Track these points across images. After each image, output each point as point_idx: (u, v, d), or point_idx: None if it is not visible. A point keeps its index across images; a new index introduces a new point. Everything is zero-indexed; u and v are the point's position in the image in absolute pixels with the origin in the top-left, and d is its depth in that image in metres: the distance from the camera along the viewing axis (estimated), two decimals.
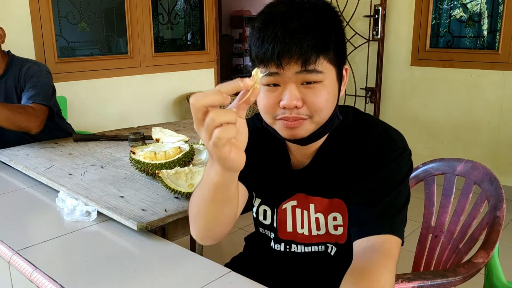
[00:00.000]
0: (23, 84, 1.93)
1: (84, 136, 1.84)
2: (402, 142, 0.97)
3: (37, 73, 1.93)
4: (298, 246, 1.08)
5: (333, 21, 0.90)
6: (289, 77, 0.87)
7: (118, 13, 3.13)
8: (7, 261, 0.99)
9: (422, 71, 3.81)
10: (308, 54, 0.85)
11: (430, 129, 3.83)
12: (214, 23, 3.75)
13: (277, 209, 1.08)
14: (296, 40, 0.84)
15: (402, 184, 0.93)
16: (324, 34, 0.86)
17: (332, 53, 0.88)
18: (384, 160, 0.93)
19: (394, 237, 0.87)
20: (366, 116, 1.04)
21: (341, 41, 0.92)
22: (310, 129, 0.93)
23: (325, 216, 1.03)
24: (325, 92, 0.89)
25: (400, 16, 3.84)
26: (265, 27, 0.87)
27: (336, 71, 0.92)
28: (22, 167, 1.49)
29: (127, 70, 3.17)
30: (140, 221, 1.06)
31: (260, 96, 0.93)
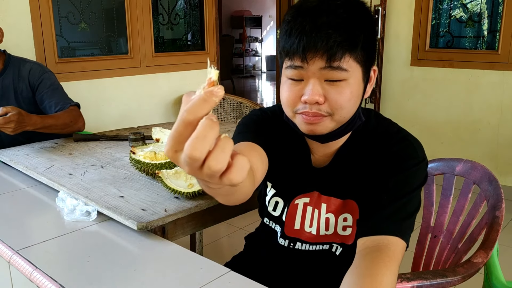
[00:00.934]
0: (24, 84, 1.94)
1: (84, 136, 1.85)
2: (421, 151, 0.98)
3: (46, 76, 1.98)
4: (303, 245, 1.09)
5: (364, 21, 0.89)
6: (313, 72, 0.87)
7: (118, 13, 3.14)
8: (7, 260, 0.99)
9: (422, 71, 3.82)
10: (334, 50, 0.84)
11: (430, 129, 3.83)
12: (214, 23, 3.75)
13: (290, 203, 1.08)
14: (323, 35, 0.84)
15: (415, 191, 0.94)
16: (352, 32, 0.85)
17: (359, 52, 0.88)
18: (402, 166, 0.94)
19: (400, 240, 0.88)
20: (387, 121, 1.04)
21: (371, 42, 0.91)
22: (329, 127, 0.93)
23: (336, 216, 1.04)
24: (348, 90, 0.89)
25: (400, 16, 3.84)
26: (294, 20, 0.88)
27: (363, 71, 0.91)
28: (22, 167, 1.49)
29: (127, 70, 3.17)
30: (140, 221, 1.07)
31: (282, 89, 0.94)
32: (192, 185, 1.21)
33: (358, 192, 1.00)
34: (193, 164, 0.46)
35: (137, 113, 3.30)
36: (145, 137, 1.75)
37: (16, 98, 1.96)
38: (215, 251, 2.78)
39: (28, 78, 1.95)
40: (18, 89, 1.96)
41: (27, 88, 1.96)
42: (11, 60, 1.98)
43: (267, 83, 11.45)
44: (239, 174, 0.48)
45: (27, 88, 1.97)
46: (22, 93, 1.97)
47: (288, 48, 0.88)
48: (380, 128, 1.01)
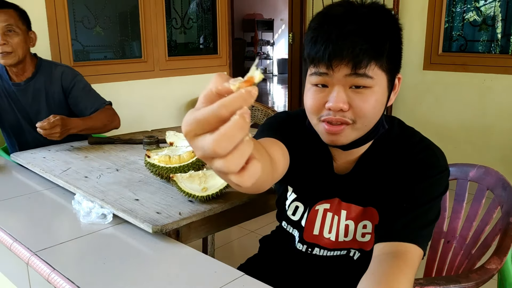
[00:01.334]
0: (57, 87, 2.01)
1: (99, 139, 1.87)
2: (444, 160, 0.98)
3: (78, 79, 2.05)
4: (321, 250, 1.09)
5: (391, 29, 0.90)
6: (338, 79, 0.88)
7: (132, 17, 3.17)
8: (25, 262, 1.01)
9: (434, 75, 3.80)
10: (360, 58, 0.85)
11: (442, 133, 3.81)
12: (226, 27, 3.78)
13: (311, 208, 1.08)
14: (349, 43, 0.84)
15: (436, 200, 0.94)
16: (378, 40, 0.86)
17: (385, 60, 0.88)
18: (425, 174, 0.94)
19: (418, 248, 0.88)
20: (411, 130, 1.05)
21: (397, 50, 0.92)
22: (351, 137, 0.94)
23: (356, 223, 1.04)
24: (373, 98, 0.89)
25: (412, 20, 3.83)
26: (320, 27, 0.88)
27: (388, 79, 0.91)
28: (39, 170, 1.52)
29: (140, 73, 3.20)
30: (155, 224, 1.08)
31: (307, 96, 0.95)
32: (206, 188, 1.23)
33: (379, 200, 1.00)
34: (209, 155, 0.45)
35: (150, 116, 3.33)
36: (159, 141, 1.77)
37: (47, 101, 2.02)
38: (227, 254, 2.80)
39: (61, 81, 2.01)
40: (49, 92, 2.01)
41: (59, 91, 2.02)
42: (42, 64, 2.03)
43: (279, 86, 11.46)
44: (249, 179, 0.47)
45: (60, 91, 2.02)
46: (53, 96, 2.02)
47: (313, 55, 0.89)
48: (403, 136, 1.02)
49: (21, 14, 1.94)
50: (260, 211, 1.41)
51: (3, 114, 2.03)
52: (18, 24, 1.90)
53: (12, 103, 2.01)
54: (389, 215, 0.94)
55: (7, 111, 2.02)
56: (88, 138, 1.88)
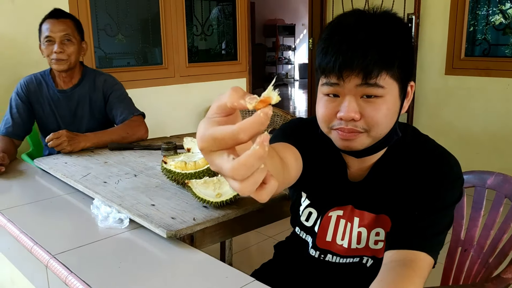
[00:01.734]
0: (99, 94, 2.11)
1: (119, 145, 1.91)
2: (458, 168, 0.97)
3: (117, 87, 2.14)
4: (334, 257, 1.09)
5: (402, 37, 0.89)
6: (349, 89, 0.88)
7: (153, 25, 3.24)
8: (44, 264, 1.05)
9: (457, 80, 3.75)
10: (370, 68, 0.85)
11: (465, 139, 3.75)
12: (246, 33, 3.81)
13: (324, 215, 1.09)
14: (359, 53, 0.85)
15: (448, 208, 0.94)
16: (389, 50, 0.86)
17: (396, 69, 0.88)
18: (437, 182, 0.94)
19: (428, 257, 0.88)
20: (424, 137, 1.04)
21: (408, 58, 0.92)
22: (365, 143, 0.94)
23: (368, 231, 1.04)
24: (384, 107, 0.89)
25: (434, 24, 3.79)
26: (331, 38, 0.89)
27: (399, 87, 0.91)
28: (61, 175, 1.57)
29: (161, 80, 3.26)
30: (169, 229, 1.10)
31: (318, 105, 0.96)
32: (220, 194, 1.24)
33: (392, 207, 1.00)
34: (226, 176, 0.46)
35: (171, 122, 3.38)
36: (177, 147, 1.80)
37: (90, 108, 2.11)
38: (244, 259, 2.81)
39: (103, 88, 2.11)
40: (92, 99, 2.11)
41: (101, 98, 2.12)
42: (87, 72, 2.13)
43: (300, 91, 11.45)
44: (266, 197, 0.48)
45: (101, 98, 2.12)
46: (96, 103, 2.11)
47: (324, 66, 0.89)
48: (416, 144, 1.02)
49: (77, 25, 2.05)
50: (275, 217, 1.43)
51: (45, 120, 2.11)
52: (74, 34, 2.01)
53: (55, 109, 2.10)
54: (401, 222, 0.94)
55: (49, 118, 2.11)
56: (108, 145, 1.92)
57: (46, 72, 2.12)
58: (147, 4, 3.19)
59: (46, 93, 2.09)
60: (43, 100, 2.10)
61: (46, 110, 2.10)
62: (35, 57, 2.46)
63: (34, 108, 2.10)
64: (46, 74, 2.11)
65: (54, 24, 1.97)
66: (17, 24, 2.52)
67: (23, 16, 2.53)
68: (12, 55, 2.54)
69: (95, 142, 1.91)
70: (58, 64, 1.99)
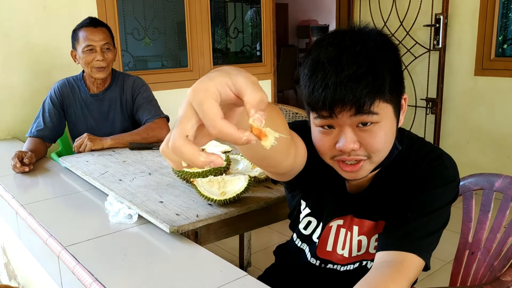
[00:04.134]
0: (129, 95, 2.19)
1: (139, 145, 2.00)
2: (454, 170, 0.97)
3: (144, 89, 2.23)
4: (335, 266, 1.10)
5: (388, 60, 0.87)
6: (344, 121, 0.86)
7: (179, 28, 3.33)
8: (56, 255, 1.13)
9: (486, 81, 3.65)
10: (362, 101, 0.83)
11: (496, 142, 3.65)
12: (271, 36, 3.85)
13: (325, 225, 1.08)
14: (348, 88, 0.82)
15: (441, 210, 0.93)
16: (377, 77, 0.83)
17: (387, 93, 0.86)
18: (430, 184, 0.95)
19: (417, 258, 0.88)
20: (421, 141, 1.04)
21: (397, 78, 0.89)
22: (369, 169, 0.95)
23: (369, 238, 1.04)
24: (382, 133, 0.88)
25: (462, 24, 3.71)
26: (315, 75, 0.85)
27: (394, 107, 0.90)
28: (81, 172, 1.66)
29: (187, 82, 3.34)
30: (172, 225, 1.16)
31: (314, 137, 0.94)
32: (225, 193, 1.30)
33: (390, 213, 0.99)
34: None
35: None
36: None
37: (121, 109, 2.20)
38: (264, 259, 2.85)
39: (132, 90, 2.20)
40: (123, 101, 2.20)
41: (130, 100, 2.20)
42: (117, 75, 2.23)
43: None
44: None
45: (131, 99, 2.20)
46: (126, 104, 2.20)
47: (313, 104, 0.87)
48: (413, 149, 1.01)
49: (111, 32, 2.15)
50: (280, 216, 1.46)
51: (76, 123, 2.21)
52: (111, 42, 2.12)
53: (87, 113, 2.19)
54: (392, 224, 0.95)
55: (80, 121, 2.20)
56: (128, 144, 2.01)
57: (79, 76, 2.21)
58: (173, 8, 3.29)
59: (79, 97, 2.18)
60: (76, 103, 2.18)
61: (78, 113, 2.19)
62: (66, 62, 2.58)
63: (66, 112, 2.19)
64: (78, 78, 2.20)
65: (93, 32, 2.05)
66: (49, 30, 2.66)
67: (54, 22, 2.66)
68: (46, 60, 2.67)
69: (116, 142, 2.01)
70: (100, 72, 2.08)
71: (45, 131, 2.11)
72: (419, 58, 4.02)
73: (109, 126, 2.20)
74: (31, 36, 2.62)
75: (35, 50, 2.63)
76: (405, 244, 0.90)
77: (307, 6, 12.21)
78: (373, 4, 4.28)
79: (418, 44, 3.98)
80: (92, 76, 2.10)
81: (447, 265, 1.20)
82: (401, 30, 4.07)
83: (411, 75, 4.11)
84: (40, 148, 2.04)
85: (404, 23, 4.03)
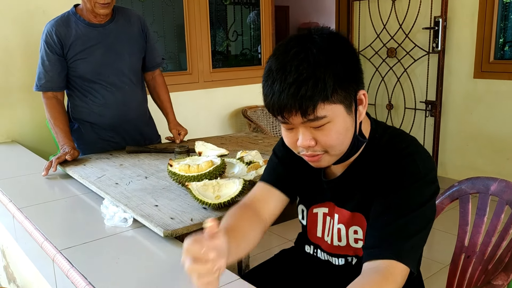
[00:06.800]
0: (136, 29, 2.12)
1: (136, 148, 2.01)
2: (425, 168, 0.95)
3: (148, 26, 2.22)
4: (323, 254, 1.15)
5: (332, 63, 0.88)
6: (297, 123, 0.92)
7: (178, 31, 3.34)
8: (51, 258, 1.13)
9: (486, 84, 3.66)
10: (304, 107, 0.87)
11: (495, 145, 3.65)
12: (270, 38, 3.86)
13: (308, 210, 1.17)
14: (290, 96, 0.87)
15: (418, 209, 0.92)
16: (318, 83, 0.86)
17: (332, 95, 0.88)
18: (402, 183, 0.94)
19: (399, 264, 0.88)
20: (401, 137, 1.03)
21: (346, 77, 0.90)
22: (331, 160, 1.00)
23: (346, 228, 1.08)
24: (333, 131, 0.92)
25: (462, 27, 3.72)
26: (266, 82, 0.92)
27: (345, 105, 0.92)
28: (78, 176, 1.67)
29: (186, 85, 3.36)
30: (166, 229, 1.17)
31: (283, 135, 1.02)
32: (219, 196, 1.30)
33: (365, 206, 1.02)
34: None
35: (195, 126, 3.46)
36: (189, 150, 1.87)
37: (129, 41, 2.08)
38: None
39: (141, 23, 2.13)
40: (130, 31, 2.09)
41: (138, 31, 2.12)
42: (116, 7, 2.10)
43: None
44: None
45: (139, 31, 2.12)
46: (133, 35, 2.10)
47: (267, 109, 0.94)
48: (390, 144, 1.01)
49: None
50: (277, 220, 1.46)
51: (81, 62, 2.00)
52: None
53: (90, 47, 2.00)
54: (371, 230, 0.96)
55: (85, 58, 2.00)
56: (126, 148, 2.02)
57: (71, 11, 2.01)
58: (172, 11, 3.30)
59: (79, 31, 1.98)
60: (76, 41, 1.97)
61: (80, 51, 1.98)
62: None
63: (67, 55, 1.98)
64: (71, 13, 2.01)
65: None
66: None
67: None
68: None
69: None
70: (104, 8, 1.93)
71: (53, 83, 1.99)
72: (418, 61, 4.02)
73: (117, 59, 2.05)
74: (31, 39, 2.63)
75: (35, 53, 2.64)
76: (385, 251, 0.90)
77: (308, 9, 12.21)
78: (372, 7, 4.29)
79: (417, 46, 3.98)
80: (95, 11, 1.94)
81: (445, 268, 1.20)
82: (400, 33, 4.07)
83: (411, 77, 4.11)
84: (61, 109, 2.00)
85: (403, 26, 4.03)
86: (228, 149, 1.91)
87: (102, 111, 2.06)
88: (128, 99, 2.10)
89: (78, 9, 2.03)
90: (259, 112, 3.81)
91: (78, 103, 2.08)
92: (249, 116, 3.62)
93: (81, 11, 2.02)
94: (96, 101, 2.06)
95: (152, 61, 2.21)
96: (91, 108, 2.07)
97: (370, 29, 4.28)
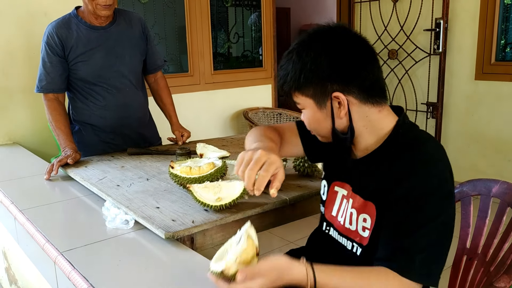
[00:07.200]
0: (137, 31, 2.12)
1: (138, 150, 2.01)
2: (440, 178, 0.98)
3: (148, 28, 2.22)
4: (334, 232, 1.18)
5: (308, 63, 1.02)
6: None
7: (179, 33, 3.34)
8: (53, 260, 1.14)
9: (487, 86, 3.65)
10: (285, 89, 1.09)
11: (496, 146, 3.65)
12: (271, 40, 3.87)
13: (329, 186, 1.22)
14: (279, 78, 1.11)
15: (428, 225, 0.95)
16: (292, 77, 1.05)
17: (306, 87, 1.05)
18: (413, 192, 0.96)
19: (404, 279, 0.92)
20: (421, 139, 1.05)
21: (315, 77, 1.02)
22: (322, 139, 1.16)
23: (357, 214, 1.10)
24: (306, 116, 1.11)
25: (463, 29, 3.72)
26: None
27: (315, 101, 1.06)
28: (79, 178, 1.67)
29: (187, 87, 3.36)
30: (168, 231, 1.17)
31: None
32: (221, 199, 1.30)
33: (378, 197, 1.04)
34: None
35: (197, 128, 3.46)
36: (190, 152, 1.87)
37: (130, 43, 2.08)
38: None
39: (141, 27, 2.13)
40: (131, 34, 2.09)
41: (139, 33, 2.12)
42: (117, 9, 2.11)
43: None
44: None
45: (140, 34, 2.12)
46: (134, 38, 2.09)
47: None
48: (411, 144, 1.03)
49: None
50: (277, 222, 1.46)
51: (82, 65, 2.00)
52: None
53: (91, 49, 1.99)
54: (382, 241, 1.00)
55: (86, 61, 2.00)
56: (127, 150, 2.02)
57: (72, 13, 2.02)
58: (173, 13, 3.31)
59: (80, 34, 1.98)
60: (77, 43, 1.97)
61: (81, 53, 1.98)
62: None
63: (68, 57, 1.98)
64: (72, 15, 2.01)
65: None
66: None
67: None
68: None
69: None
70: (106, 9, 1.92)
71: (54, 84, 1.99)
72: (419, 63, 4.02)
73: (118, 62, 2.05)
74: (32, 41, 2.64)
75: (36, 55, 2.65)
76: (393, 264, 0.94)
77: (309, 10, 12.21)
78: (373, 8, 4.29)
79: (418, 48, 3.98)
80: (97, 13, 1.93)
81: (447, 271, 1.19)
82: (401, 35, 4.07)
83: (412, 79, 4.11)
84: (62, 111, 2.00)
85: (405, 28, 4.04)
86: (229, 151, 1.91)
87: (103, 113, 2.07)
88: (129, 101, 2.11)
89: (79, 12, 2.03)
90: (260, 114, 3.81)
91: (79, 105, 2.08)
92: (250, 117, 3.63)
93: (82, 14, 2.02)
94: (97, 103, 2.06)
95: (153, 63, 2.22)
96: (92, 110, 2.07)
97: (371, 30, 4.28)
